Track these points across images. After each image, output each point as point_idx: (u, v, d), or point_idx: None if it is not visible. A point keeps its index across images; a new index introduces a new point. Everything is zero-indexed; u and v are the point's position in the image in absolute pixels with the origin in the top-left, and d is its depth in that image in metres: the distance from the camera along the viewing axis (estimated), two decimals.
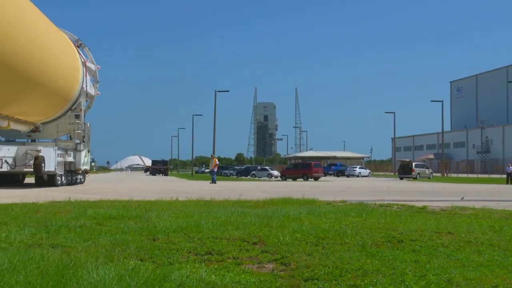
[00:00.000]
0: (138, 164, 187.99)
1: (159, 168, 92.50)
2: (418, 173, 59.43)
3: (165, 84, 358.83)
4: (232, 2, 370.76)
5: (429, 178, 59.80)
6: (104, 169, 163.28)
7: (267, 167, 75.36)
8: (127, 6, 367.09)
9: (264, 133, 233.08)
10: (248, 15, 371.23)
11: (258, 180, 53.46)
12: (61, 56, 28.81)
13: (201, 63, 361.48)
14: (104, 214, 11.01)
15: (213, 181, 40.01)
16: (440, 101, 73.82)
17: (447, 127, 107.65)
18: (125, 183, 38.50)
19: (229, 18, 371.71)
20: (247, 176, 66.08)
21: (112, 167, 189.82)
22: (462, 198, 19.09)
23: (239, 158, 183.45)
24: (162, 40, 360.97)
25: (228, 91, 63.19)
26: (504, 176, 49.55)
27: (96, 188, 27.92)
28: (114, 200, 15.67)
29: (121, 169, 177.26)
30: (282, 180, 54.59)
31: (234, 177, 67.32)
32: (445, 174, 75.47)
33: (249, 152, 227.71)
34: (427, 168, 64.76)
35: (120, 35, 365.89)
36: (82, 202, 14.67)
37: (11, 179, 30.53)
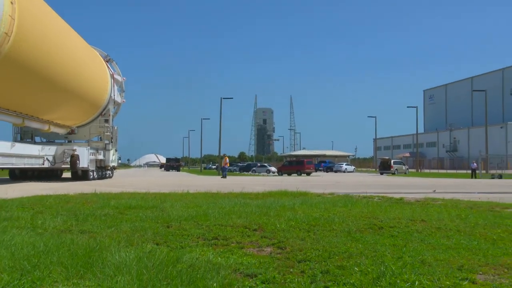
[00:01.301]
0: (154, 161, 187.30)
1: (172, 164, 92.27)
2: (396, 169, 59.43)
3: (178, 92, 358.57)
4: (235, 24, 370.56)
5: (405, 173, 59.80)
6: (126, 165, 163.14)
7: (265, 164, 75.25)
8: (149, 25, 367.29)
9: (263, 135, 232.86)
10: (248, 34, 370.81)
11: (258, 175, 53.43)
12: (93, 70, 29.50)
13: (209, 74, 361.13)
14: (125, 204, 11.01)
15: (224, 176, 40.06)
16: (415, 107, 74.01)
17: (421, 129, 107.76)
18: (143, 178, 38.49)
19: (232, 36, 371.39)
20: (248, 172, 65.96)
21: (132, 164, 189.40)
22: (434, 191, 19.09)
23: (242, 156, 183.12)
24: (178, 54, 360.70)
25: (232, 98, 63.00)
26: (469, 171, 49.64)
27: (118, 182, 27.94)
28: (134, 193, 15.67)
29: (139, 166, 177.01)
30: (279, 175, 54.55)
31: (237, 172, 67.19)
32: (419, 170, 75.49)
33: (250, 150, 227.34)
34: (404, 165, 64.80)
35: (143, 49, 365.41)
36: (106, 194, 14.68)
37: (51, 174, 31.09)
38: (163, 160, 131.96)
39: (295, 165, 56.77)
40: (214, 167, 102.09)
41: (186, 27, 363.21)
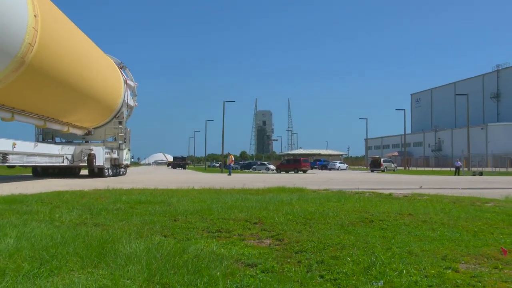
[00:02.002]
0: (162, 160, 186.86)
1: (179, 163, 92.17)
2: (386, 167, 59.50)
3: (184, 96, 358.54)
4: (236, 35, 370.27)
5: (394, 171, 59.81)
6: (136, 164, 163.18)
7: (265, 162, 75.28)
8: (162, 38, 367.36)
9: (263, 135, 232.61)
10: (250, 45, 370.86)
11: (258, 173, 53.44)
12: (108, 77, 29.81)
13: (213, 79, 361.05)
14: (135, 199, 11.02)
15: (229, 173, 40.15)
16: (403, 109, 73.85)
17: (408, 130, 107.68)
18: (151, 175, 38.49)
19: (234, 46, 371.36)
20: (249, 170, 66.01)
21: (142, 162, 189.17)
22: (420, 187, 19.09)
23: (243, 155, 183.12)
24: (185, 61, 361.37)
25: (234, 101, 63.74)
26: (453, 169, 49.71)
27: (129, 179, 27.95)
28: (143, 189, 15.68)
29: (148, 164, 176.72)
30: (277, 172, 54.57)
31: (239, 170, 67.18)
32: (407, 168, 75.37)
33: (251, 150, 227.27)
34: (393, 163, 64.85)
35: (153, 58, 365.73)
36: (118, 190, 14.70)
37: (70, 171, 31.36)
38: (170, 158, 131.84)
39: (293, 164, 56.75)
40: (217, 165, 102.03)
41: (191, 38, 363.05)
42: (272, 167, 64.35)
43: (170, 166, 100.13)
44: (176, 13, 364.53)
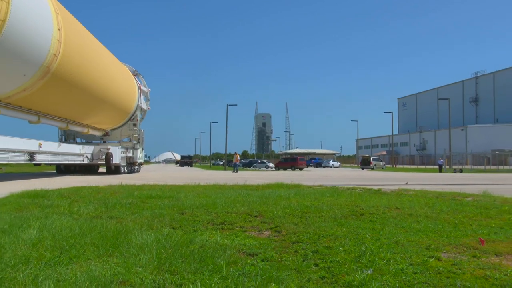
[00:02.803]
0: (170, 158, 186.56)
1: (186, 161, 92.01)
2: (375, 165, 59.41)
3: (191, 99, 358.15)
4: (237, 42, 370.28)
5: (382, 168, 59.78)
6: (147, 162, 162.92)
7: (265, 161, 75.11)
8: (172, 40, 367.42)
9: (263, 136, 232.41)
10: (251, 49, 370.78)
11: (258, 170, 53.43)
12: (124, 84, 30.18)
13: (217, 84, 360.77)
14: (146, 194, 11.03)
15: (235, 171, 40.16)
16: (390, 112, 73.71)
17: (396, 131, 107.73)
18: (161, 172, 38.50)
19: (236, 52, 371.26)
20: (250, 167, 65.97)
21: (152, 161, 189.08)
22: (406, 183, 19.09)
23: (244, 154, 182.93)
24: (194, 67, 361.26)
25: (236, 105, 62.88)
26: (436, 167, 49.68)
27: (141, 176, 27.97)
28: (154, 185, 15.69)
29: (158, 162, 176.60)
30: (276, 170, 54.52)
31: (241, 168, 67.17)
32: (394, 166, 75.38)
33: (251, 149, 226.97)
34: (381, 161, 64.79)
35: (161, 63, 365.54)
36: (130, 186, 14.70)
37: (89, 169, 31.64)
38: (178, 157, 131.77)
39: (290, 162, 56.71)
40: (221, 163, 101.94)
41: (199, 46, 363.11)
42: (271, 165, 64.25)
43: (178, 164, 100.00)
44: (186, 18, 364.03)
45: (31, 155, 20.76)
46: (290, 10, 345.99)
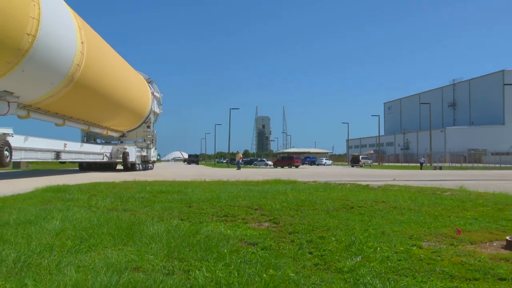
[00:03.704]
0: (179, 157, 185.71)
1: (193, 159, 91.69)
2: (363, 163, 59.34)
3: (197, 102, 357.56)
4: (237, 45, 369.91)
5: (370, 166, 59.72)
6: (158, 160, 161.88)
7: (264, 159, 75.08)
8: (185, 42, 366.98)
9: (262, 136, 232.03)
10: (251, 53, 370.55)
11: (258, 168, 53.43)
12: (139, 91, 30.38)
13: (221, 89, 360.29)
14: (157, 189, 11.02)
15: (239, 168, 40.27)
16: (377, 115, 74.01)
17: (382, 133, 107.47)
18: (170, 170, 38.49)
19: (238, 57, 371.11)
20: (250, 165, 65.91)
21: (162, 159, 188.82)
22: (394, 179, 19.06)
23: (245, 153, 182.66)
24: (200, 70, 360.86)
25: (238, 108, 63.30)
26: (419, 164, 49.70)
27: (152, 173, 27.96)
28: (163, 181, 15.68)
29: (168, 160, 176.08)
30: (274, 167, 54.46)
31: (243, 165, 67.18)
32: (381, 163, 75.33)
33: (252, 148, 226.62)
34: (369, 160, 64.72)
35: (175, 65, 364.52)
36: (143, 182, 14.70)
37: (108, 166, 31.63)
38: (185, 155, 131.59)
39: (287, 160, 56.68)
40: (224, 161, 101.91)
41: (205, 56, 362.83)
42: (270, 163, 64.22)
43: (186, 162, 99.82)
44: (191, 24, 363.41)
45: (57, 154, 21.05)
46: (287, 12, 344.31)
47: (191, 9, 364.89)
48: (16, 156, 16.95)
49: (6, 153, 15.20)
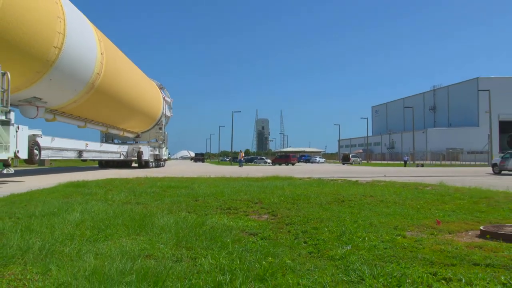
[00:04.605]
0: (186, 155, 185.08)
1: (199, 158, 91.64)
2: (353, 161, 59.39)
3: (204, 106, 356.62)
4: (238, 48, 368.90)
5: (359, 163, 59.61)
6: (168, 158, 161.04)
7: (263, 157, 74.95)
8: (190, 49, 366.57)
9: (262, 137, 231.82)
10: (251, 58, 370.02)
11: (258, 165, 53.38)
12: (152, 96, 30.68)
13: (226, 94, 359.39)
14: (167, 185, 11.02)
15: (241, 166, 40.31)
16: (366, 118, 73.65)
17: (370, 133, 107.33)
18: (179, 167, 38.48)
19: (240, 62, 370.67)
20: (251, 163, 65.85)
21: (171, 157, 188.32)
22: (384, 175, 18.98)
23: (246, 152, 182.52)
24: (206, 73, 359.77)
25: (240, 111, 63.20)
26: (403, 162, 49.66)
27: (163, 170, 27.97)
28: (172, 177, 15.69)
29: (176, 159, 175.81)
30: (273, 165, 54.31)
31: (244, 163, 67.07)
32: (369, 161, 75.22)
33: (252, 148, 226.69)
34: (358, 158, 64.78)
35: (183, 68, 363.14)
36: (153, 178, 14.69)
37: (125, 164, 31.84)
38: (192, 154, 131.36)
39: (284, 158, 56.56)
40: (228, 159, 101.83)
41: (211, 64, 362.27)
42: (268, 161, 64.08)
43: (193, 160, 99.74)
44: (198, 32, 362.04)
45: (80, 152, 21.47)
46: (285, 17, 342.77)
47: (194, 14, 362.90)
48: (44, 155, 17.22)
49: (36, 152, 15.55)
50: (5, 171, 12.75)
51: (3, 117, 12.05)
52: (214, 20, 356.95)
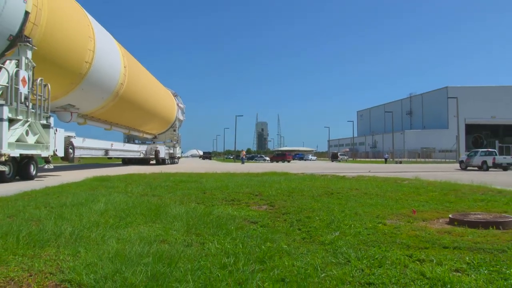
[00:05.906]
0: (195, 154, 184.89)
1: (207, 156, 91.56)
2: (341, 158, 59.26)
3: (210, 110, 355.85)
4: (238, 52, 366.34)
5: (346, 161, 59.52)
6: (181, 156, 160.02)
7: (263, 156, 74.83)
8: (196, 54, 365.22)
9: (261, 137, 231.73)
10: (249, 63, 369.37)
11: (258, 162, 53.35)
12: (167, 103, 30.94)
13: (229, 99, 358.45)
14: (178, 179, 11.00)
15: (243, 163, 40.41)
16: (352, 121, 73.98)
17: (356, 134, 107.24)
18: (189, 164, 38.47)
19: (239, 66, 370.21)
20: (252, 160, 65.71)
21: (183, 156, 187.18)
22: (369, 171, 18.94)
23: (248, 150, 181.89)
24: (211, 76, 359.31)
25: (242, 115, 63.50)
26: (383, 159, 49.64)
27: (175, 167, 27.97)
28: (184, 173, 15.65)
29: (186, 157, 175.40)
30: (271, 162, 54.31)
31: (246, 161, 66.87)
32: (354, 159, 75.11)
33: (253, 147, 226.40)
34: (346, 156, 64.70)
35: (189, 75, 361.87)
36: (167, 173, 14.66)
37: (144, 161, 32.01)
38: (201, 153, 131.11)
39: (281, 156, 56.69)
40: (231, 157, 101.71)
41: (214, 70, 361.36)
42: (267, 158, 63.89)
43: (201, 158, 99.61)
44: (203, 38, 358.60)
45: (106, 151, 22.17)
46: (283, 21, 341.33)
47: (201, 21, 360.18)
48: (77, 153, 17.77)
49: (71, 150, 16.23)
50: (46, 166, 13.51)
51: (45, 122, 12.82)
52: (217, 27, 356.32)
